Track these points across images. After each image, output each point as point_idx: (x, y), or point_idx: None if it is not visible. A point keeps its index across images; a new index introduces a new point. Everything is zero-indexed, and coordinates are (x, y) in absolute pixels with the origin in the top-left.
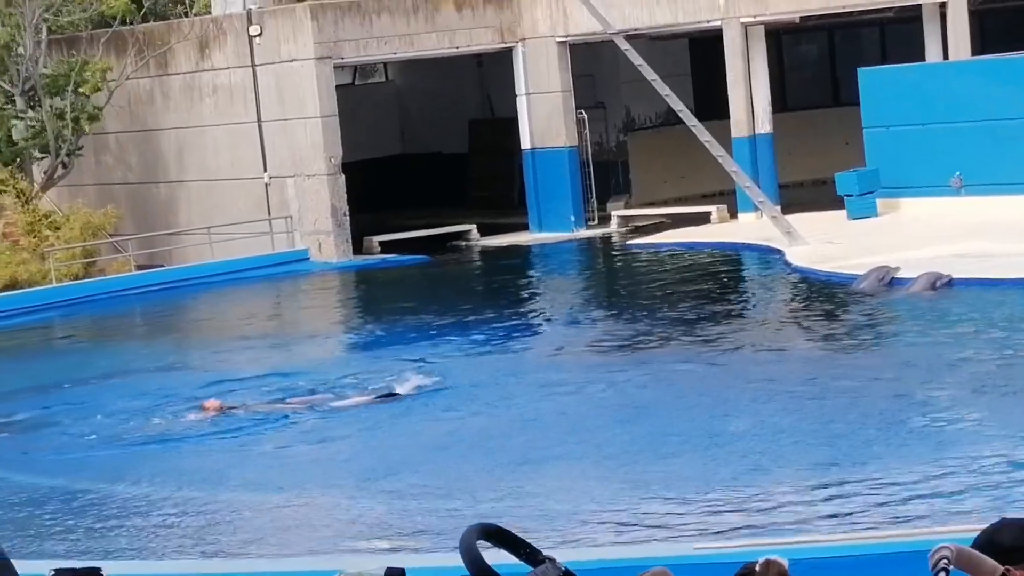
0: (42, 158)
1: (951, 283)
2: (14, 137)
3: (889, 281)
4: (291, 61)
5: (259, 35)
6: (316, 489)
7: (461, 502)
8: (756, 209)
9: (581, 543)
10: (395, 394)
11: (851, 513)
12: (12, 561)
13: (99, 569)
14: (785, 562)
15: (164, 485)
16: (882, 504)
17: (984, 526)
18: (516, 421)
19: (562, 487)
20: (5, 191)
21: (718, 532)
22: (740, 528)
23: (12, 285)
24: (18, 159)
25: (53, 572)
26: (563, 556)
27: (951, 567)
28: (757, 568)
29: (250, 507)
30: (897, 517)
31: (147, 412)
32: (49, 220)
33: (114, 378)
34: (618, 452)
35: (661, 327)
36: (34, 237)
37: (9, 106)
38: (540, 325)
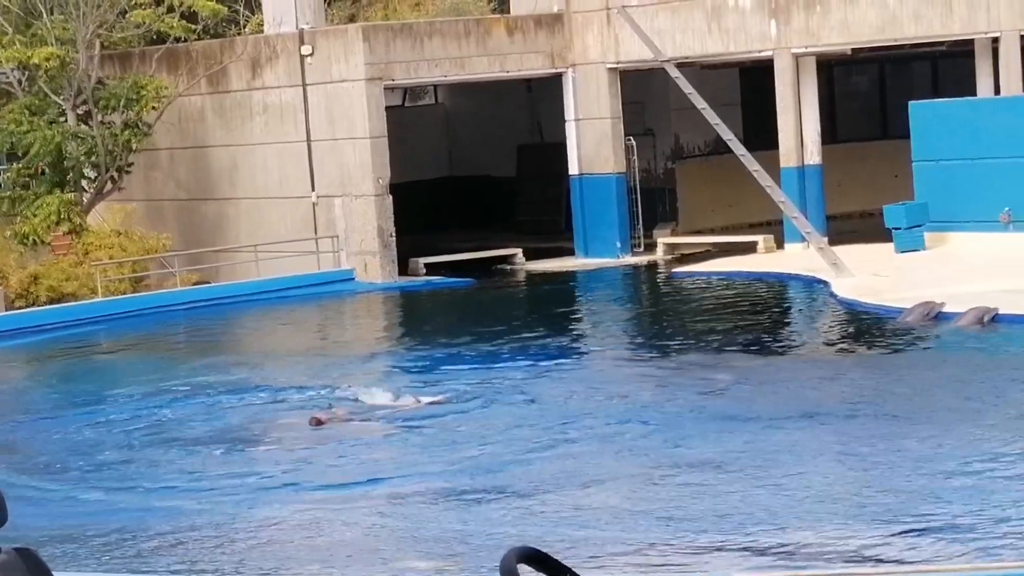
0: (95, 178)
1: (996, 318)
2: (64, 153)
3: (935, 316)
4: (342, 81)
5: (311, 55)
6: (356, 508)
7: (506, 524)
8: (803, 240)
9: (621, 569)
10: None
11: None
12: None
13: None
14: None
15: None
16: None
17: None
18: (559, 447)
19: (606, 512)
20: (62, 223)
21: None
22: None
23: (58, 300)
24: (68, 178)
25: None
26: None
27: None
28: None
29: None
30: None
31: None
32: (118, 238)
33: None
34: (665, 479)
35: (705, 356)
36: (86, 255)
37: (61, 119)
38: (584, 350)
